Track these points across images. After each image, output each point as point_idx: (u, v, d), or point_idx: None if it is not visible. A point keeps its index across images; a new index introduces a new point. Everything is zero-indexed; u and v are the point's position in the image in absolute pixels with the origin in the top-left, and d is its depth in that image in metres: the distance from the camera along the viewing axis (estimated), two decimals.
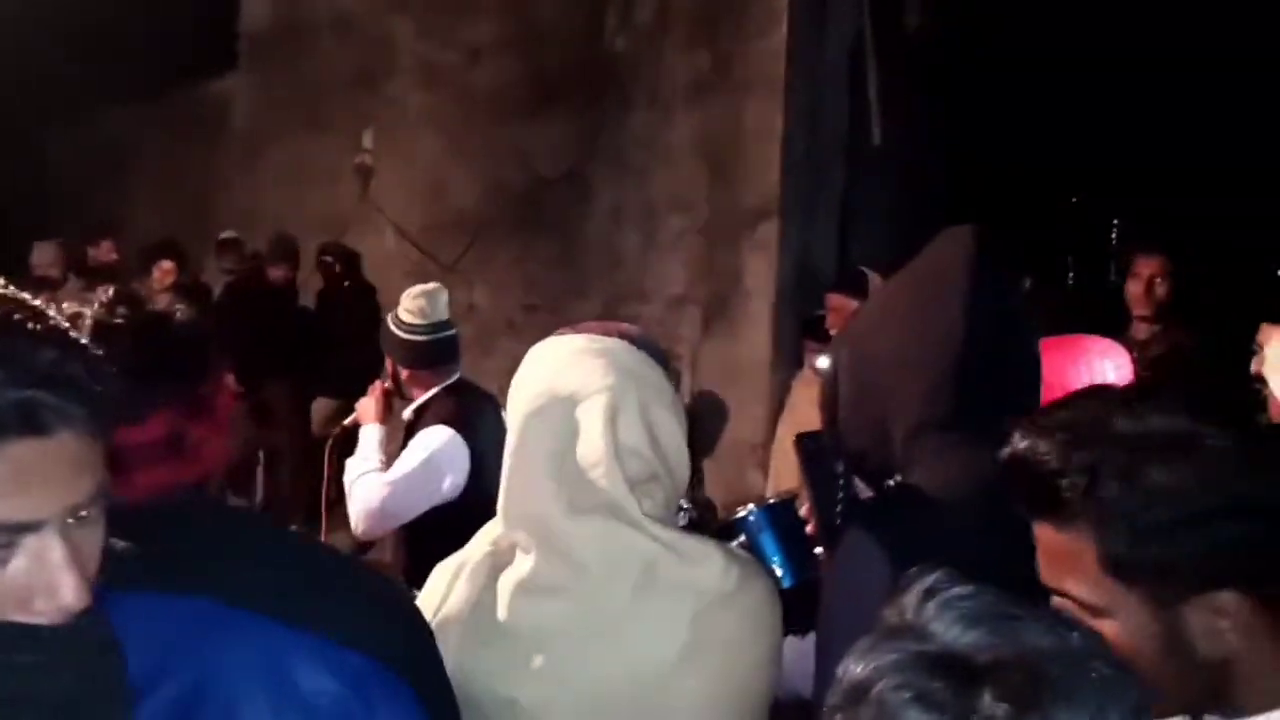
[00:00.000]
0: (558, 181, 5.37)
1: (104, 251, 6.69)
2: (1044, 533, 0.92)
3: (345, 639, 1.00)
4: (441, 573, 1.38)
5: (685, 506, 3.54)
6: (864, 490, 1.45)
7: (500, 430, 1.38)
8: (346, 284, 5.97)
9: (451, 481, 2.65)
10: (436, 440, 2.68)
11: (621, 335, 1.37)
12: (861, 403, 1.37)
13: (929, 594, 0.75)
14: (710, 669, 1.25)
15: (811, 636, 1.47)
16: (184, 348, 1.10)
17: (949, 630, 0.71)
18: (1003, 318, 1.36)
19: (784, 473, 4.45)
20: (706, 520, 3.39)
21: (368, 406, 2.88)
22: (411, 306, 2.89)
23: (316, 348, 5.82)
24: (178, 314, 1.12)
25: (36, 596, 0.77)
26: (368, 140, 6.43)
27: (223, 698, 0.92)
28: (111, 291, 1.11)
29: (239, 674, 0.90)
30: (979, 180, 5.30)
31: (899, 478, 1.34)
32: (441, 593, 1.35)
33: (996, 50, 5.00)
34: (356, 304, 5.79)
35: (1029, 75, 5.14)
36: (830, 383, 1.45)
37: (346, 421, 3.02)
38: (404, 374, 2.89)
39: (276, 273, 6.03)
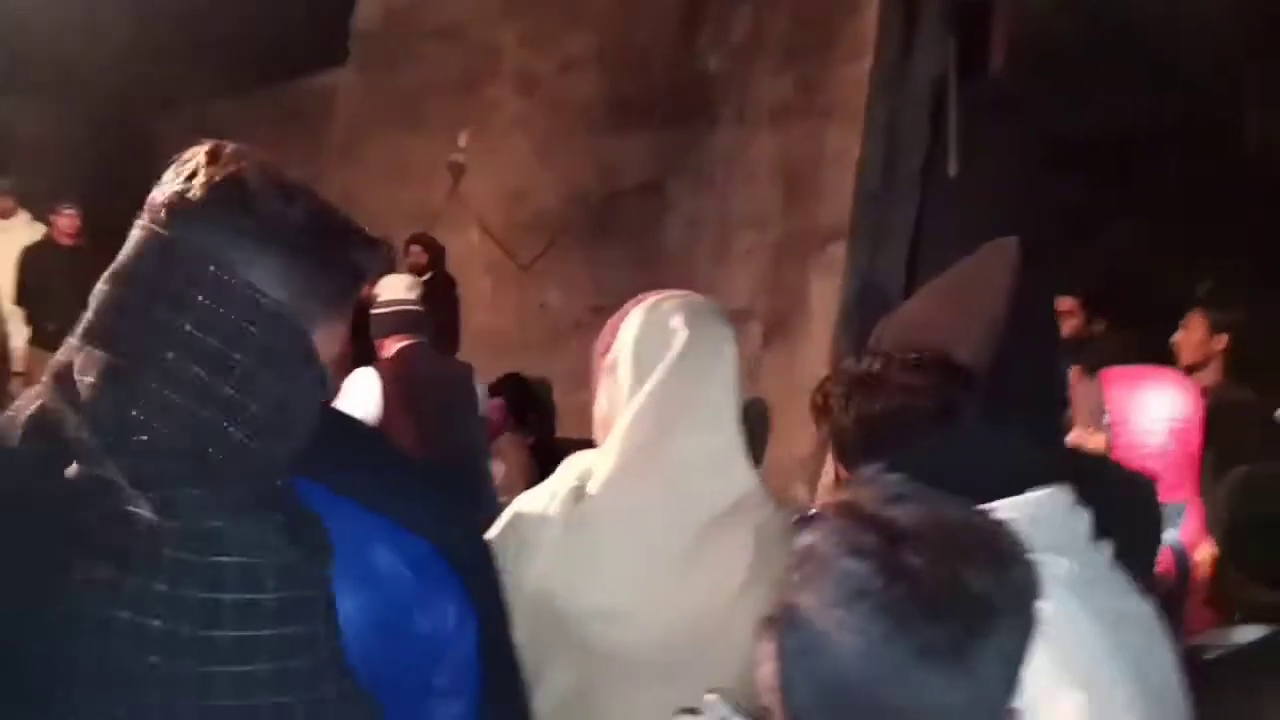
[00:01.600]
0: (636, 191, 5.56)
1: None
2: None
3: (416, 528, 1.17)
4: (531, 497, 1.50)
5: None
6: None
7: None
8: (431, 274, 6.22)
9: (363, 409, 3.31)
10: (354, 381, 3.45)
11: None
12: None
13: (867, 482, 0.89)
14: (764, 598, 1.41)
15: None
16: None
17: (881, 506, 0.85)
18: (1038, 326, 1.46)
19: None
20: None
21: None
22: (395, 287, 3.73)
23: None
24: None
25: None
26: (463, 140, 6.72)
27: None
28: None
29: (337, 549, 1.04)
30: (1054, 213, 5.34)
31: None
32: (534, 514, 1.47)
33: (1077, 87, 5.07)
34: (437, 293, 6.05)
35: (1107, 116, 5.19)
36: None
37: None
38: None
39: None
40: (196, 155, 0.99)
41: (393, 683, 1.09)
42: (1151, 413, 2.44)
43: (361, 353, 3.68)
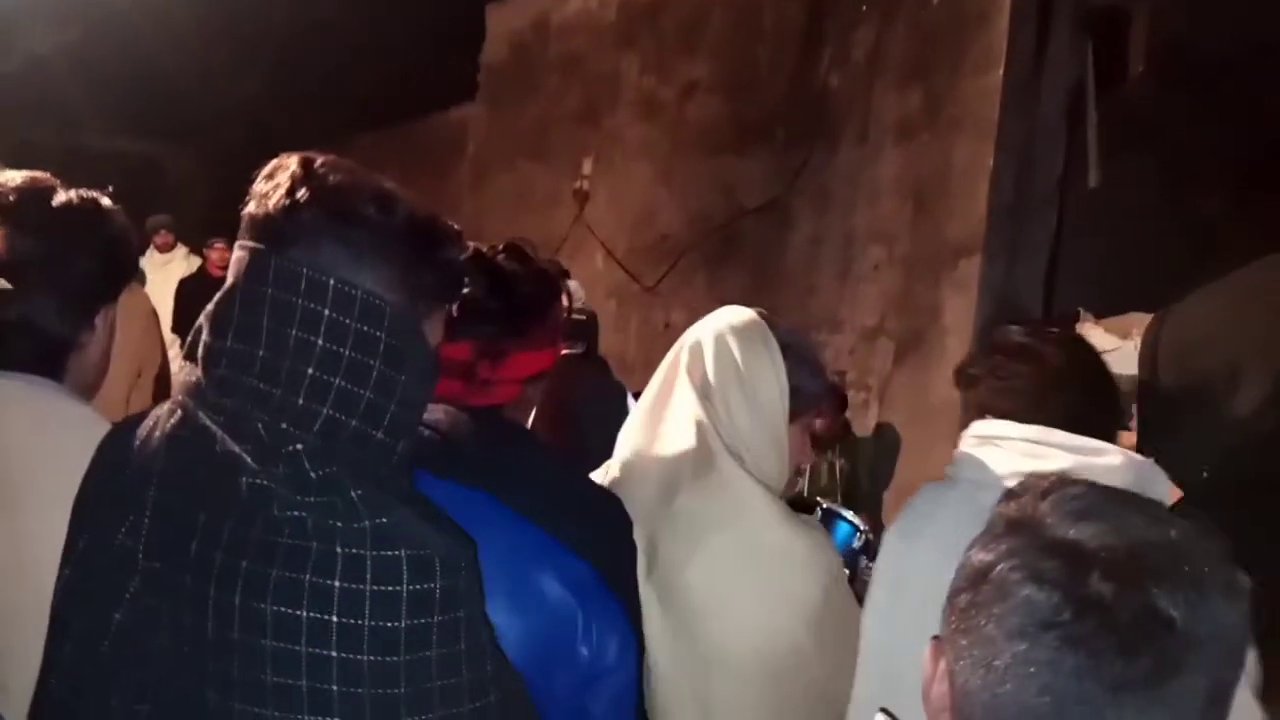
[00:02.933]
0: (758, 211, 5.56)
1: None
2: None
3: (579, 549, 1.20)
4: None
5: (863, 529, 3.60)
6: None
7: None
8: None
9: None
10: None
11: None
12: (1180, 405, 1.45)
13: (1044, 493, 0.83)
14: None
15: None
16: (509, 306, 1.35)
17: (1061, 523, 0.80)
18: None
19: None
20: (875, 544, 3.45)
21: None
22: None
23: None
24: (523, 286, 1.38)
25: None
26: (587, 168, 6.86)
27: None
28: (505, 245, 1.41)
29: (494, 560, 1.07)
30: (1197, 229, 5.10)
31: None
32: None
33: (1220, 97, 4.84)
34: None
35: (1252, 128, 4.93)
36: (1146, 382, 1.53)
37: None
38: None
39: None
40: (288, 168, 1.03)
41: (549, 704, 1.10)
42: None
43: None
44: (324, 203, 1.00)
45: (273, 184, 1.02)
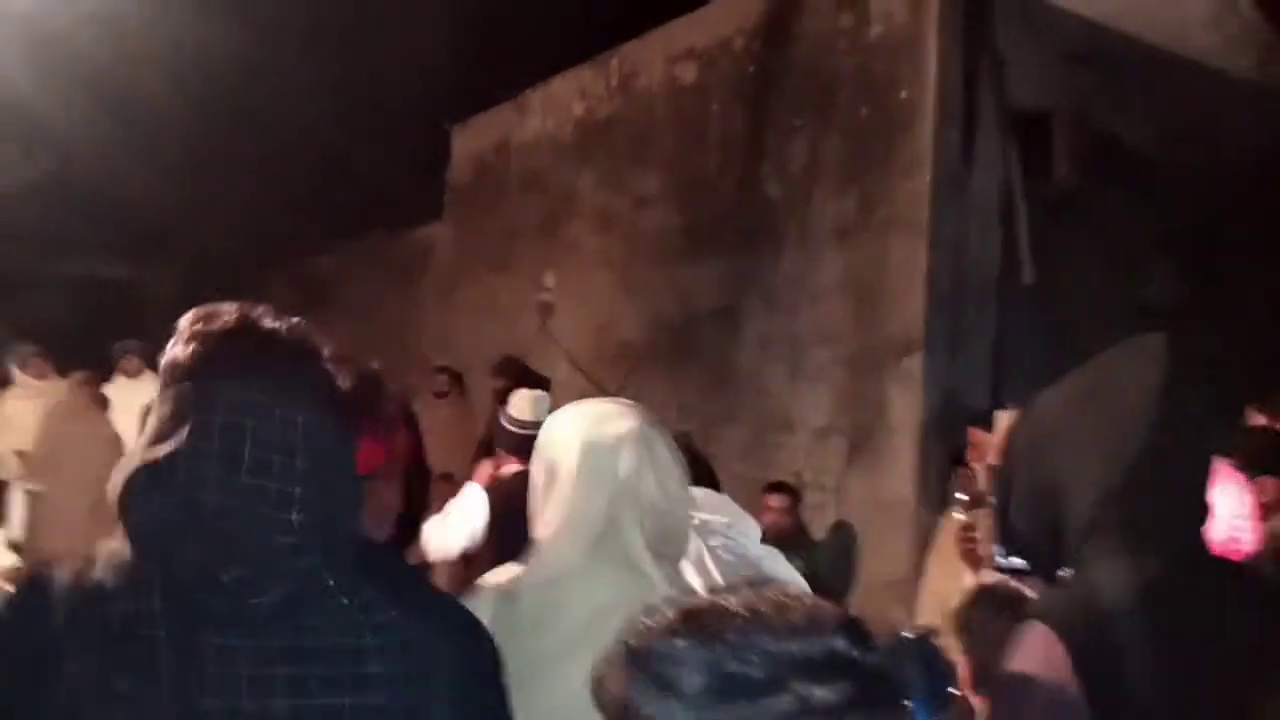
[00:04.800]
0: (711, 315, 5.68)
1: None
2: None
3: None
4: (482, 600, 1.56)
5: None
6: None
7: None
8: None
9: (471, 529, 3.30)
10: (466, 497, 3.39)
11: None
12: (1035, 495, 1.44)
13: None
14: None
15: None
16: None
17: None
18: (1187, 436, 1.38)
19: (927, 609, 4.38)
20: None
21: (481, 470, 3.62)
22: (522, 407, 3.51)
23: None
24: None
25: None
26: (549, 280, 7.01)
27: None
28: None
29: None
30: (1141, 313, 5.21)
31: (1069, 571, 1.40)
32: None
33: (1147, 186, 5.01)
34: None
35: (1180, 214, 5.10)
36: (1003, 470, 1.53)
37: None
38: (502, 454, 3.58)
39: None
40: (198, 319, 1.15)
41: None
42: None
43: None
44: (230, 341, 1.15)
45: (187, 333, 1.15)
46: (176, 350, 1.12)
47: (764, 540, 2.02)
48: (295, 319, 1.19)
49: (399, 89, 7.83)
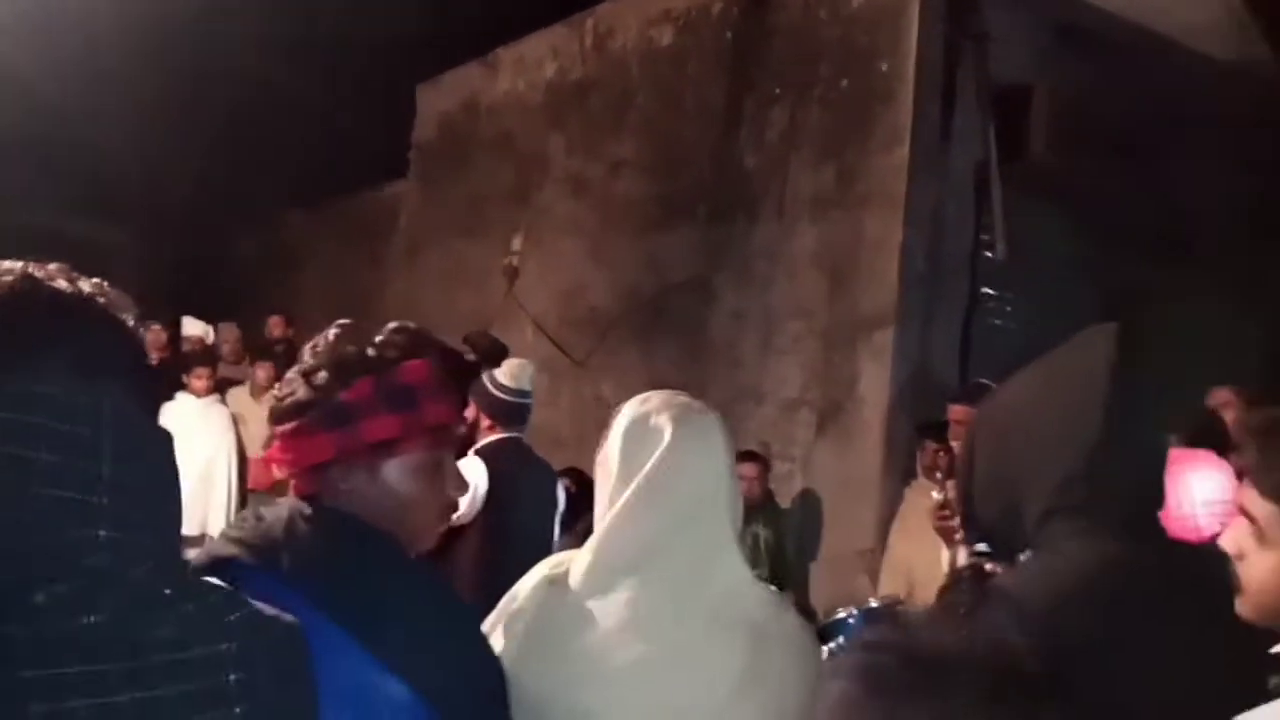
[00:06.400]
0: (684, 286, 5.62)
1: (274, 326, 7.43)
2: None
3: (399, 668, 1.15)
4: (507, 597, 1.51)
5: None
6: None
7: (539, 485, 1.48)
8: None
9: (472, 497, 3.15)
10: (465, 464, 3.18)
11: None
12: (995, 482, 1.47)
13: None
14: (762, 704, 1.38)
15: None
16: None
17: None
18: (1138, 421, 1.41)
19: (891, 580, 4.40)
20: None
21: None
22: (509, 372, 3.35)
23: None
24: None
25: None
26: (517, 244, 6.91)
27: None
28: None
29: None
30: (1112, 298, 5.23)
31: (1029, 554, 1.43)
32: (507, 613, 1.48)
33: (1123, 165, 5.01)
34: None
35: (1156, 193, 5.11)
36: (966, 458, 1.55)
37: None
38: (484, 422, 3.42)
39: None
40: None
41: None
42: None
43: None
44: None
45: None
46: None
47: None
48: (96, 279, 0.95)
49: (365, 43, 7.64)
